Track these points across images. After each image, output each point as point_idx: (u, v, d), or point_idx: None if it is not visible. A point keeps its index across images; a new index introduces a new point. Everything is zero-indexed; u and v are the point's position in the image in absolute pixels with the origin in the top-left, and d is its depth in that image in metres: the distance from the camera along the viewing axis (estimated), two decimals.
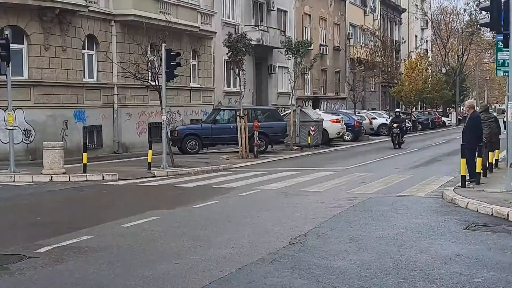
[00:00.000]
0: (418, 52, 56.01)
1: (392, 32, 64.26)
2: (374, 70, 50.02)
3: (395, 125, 29.62)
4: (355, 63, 46.61)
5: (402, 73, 51.36)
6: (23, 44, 22.15)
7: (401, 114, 33.83)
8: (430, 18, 68.57)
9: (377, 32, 52.48)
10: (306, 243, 8.49)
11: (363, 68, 45.91)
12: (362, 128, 36.39)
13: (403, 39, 64.02)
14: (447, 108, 68.86)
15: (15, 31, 21.16)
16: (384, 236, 8.92)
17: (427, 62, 55.42)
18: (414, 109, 52.79)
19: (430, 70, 59.74)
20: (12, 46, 17.62)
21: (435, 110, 61.72)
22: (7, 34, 17.39)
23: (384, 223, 9.97)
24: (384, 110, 52.30)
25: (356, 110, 41.11)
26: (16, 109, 20.34)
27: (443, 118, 59.34)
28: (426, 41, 72.06)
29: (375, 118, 42.30)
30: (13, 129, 17.88)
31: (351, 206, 11.72)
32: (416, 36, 72.82)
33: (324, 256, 7.73)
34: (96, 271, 7.09)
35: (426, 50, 69.09)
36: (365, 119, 39.57)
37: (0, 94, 20.99)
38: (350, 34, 53.29)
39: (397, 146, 29.04)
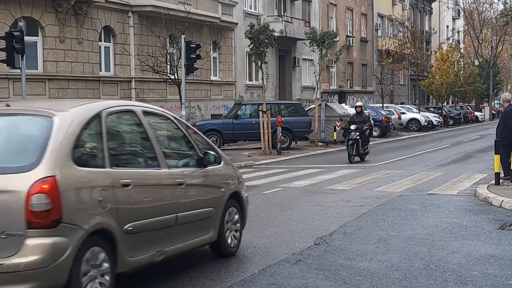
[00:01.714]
0: (450, 44, 54.71)
1: (422, 23, 63.37)
2: (403, 63, 49.45)
3: (352, 127, 19.96)
4: (383, 55, 45.83)
5: (433, 66, 50.39)
6: (38, 36, 21.68)
7: (364, 110, 22.67)
8: (462, 8, 67.33)
9: (406, 23, 51.86)
10: (332, 243, 8.36)
11: (391, 60, 45.22)
12: (391, 123, 35.84)
13: (433, 29, 62.81)
14: (480, 103, 67.53)
15: (29, 23, 20.56)
16: (413, 236, 8.76)
17: (459, 54, 54.19)
18: (445, 103, 51.75)
19: (462, 62, 58.62)
20: (26, 38, 17.15)
21: (467, 104, 60.76)
22: (21, 26, 16.86)
23: (414, 223, 9.78)
24: (414, 105, 51.53)
25: (384, 105, 40.64)
26: None
27: (476, 113, 58.31)
28: (458, 31, 70.85)
29: (404, 113, 41.65)
30: None
31: (379, 204, 11.51)
32: (447, 26, 71.57)
33: (351, 257, 7.60)
34: None
35: (458, 41, 67.89)
36: (394, 114, 39.01)
37: (14, 88, 20.71)
38: (378, 24, 52.87)
39: (354, 159, 19.81)
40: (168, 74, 19.68)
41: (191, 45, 18.87)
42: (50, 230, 5.02)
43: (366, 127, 20.24)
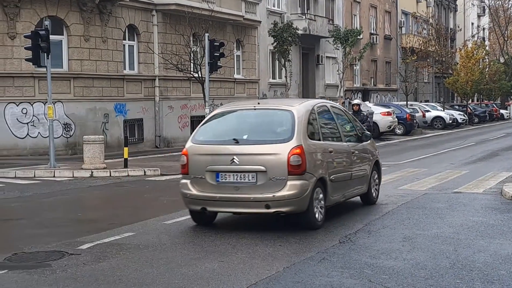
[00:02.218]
0: (475, 41, 54.12)
1: (447, 20, 62.74)
2: (428, 60, 48.99)
3: None
4: (407, 52, 45.48)
5: (458, 63, 49.85)
6: (63, 35, 21.83)
7: (362, 109, 19.20)
8: (488, 5, 66.52)
9: (430, 20, 51.33)
10: (357, 242, 8.30)
11: (415, 58, 44.74)
12: (415, 121, 35.55)
13: (458, 27, 62.21)
14: (506, 100, 66.74)
15: (54, 22, 20.74)
16: (439, 235, 8.65)
17: (484, 51, 53.54)
18: (470, 101, 51.22)
19: (487, 60, 57.90)
20: (51, 37, 17.34)
21: (492, 102, 60.00)
22: (47, 25, 17.04)
23: (439, 221, 9.64)
24: (438, 102, 51.03)
25: (408, 102, 40.27)
26: (55, 102, 20.00)
27: (502, 111, 57.76)
28: (483, 29, 70.12)
29: (428, 111, 41.28)
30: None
31: (403, 203, 11.38)
32: (472, 23, 70.78)
33: (376, 255, 7.51)
34: (139, 269, 6.99)
35: (483, 39, 67.21)
36: (418, 112, 38.66)
37: (40, 86, 20.87)
38: (402, 22, 52.50)
39: None
40: (191, 72, 19.66)
41: (215, 43, 18.81)
42: (300, 176, 8.58)
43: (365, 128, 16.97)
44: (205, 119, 9.69)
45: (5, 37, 20.74)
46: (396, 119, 32.37)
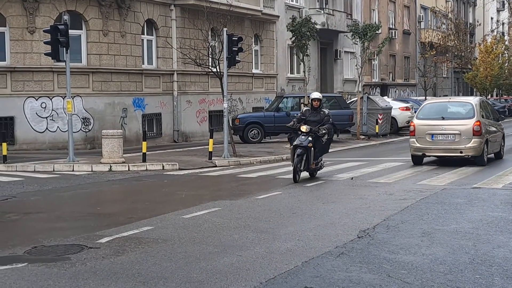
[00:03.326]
0: (494, 36, 53.58)
1: (466, 15, 62.18)
2: (447, 55, 48.63)
3: (303, 128, 13.65)
4: (426, 47, 45.18)
5: (477, 58, 49.41)
6: (82, 30, 21.92)
7: (323, 106, 15.42)
8: None
9: (449, 15, 50.93)
10: (375, 236, 8.27)
11: (434, 52, 44.42)
12: None
13: (477, 21, 61.49)
14: None
15: (73, 17, 20.83)
16: (458, 230, 8.62)
17: (504, 46, 52.94)
18: (489, 96, 50.72)
19: (506, 55, 57.20)
20: (70, 32, 17.40)
21: None
22: (66, 20, 17.08)
23: (458, 216, 9.62)
24: None
25: (427, 98, 39.68)
26: (74, 96, 20.10)
27: None
28: (503, 23, 69.33)
29: None
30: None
31: (422, 198, 11.32)
32: (491, 18, 70.08)
33: (395, 250, 7.50)
34: (157, 263, 6.99)
35: (503, 33, 66.37)
36: None
37: (59, 81, 20.98)
38: (421, 16, 52.05)
39: (300, 178, 13.64)
40: (210, 67, 19.58)
41: (233, 38, 18.70)
42: (478, 137, 15.99)
43: (323, 131, 13.82)
44: (421, 106, 17.83)
45: (25, 31, 20.86)
46: (414, 114, 32.14)
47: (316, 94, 14.72)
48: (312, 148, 13.70)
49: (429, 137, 16.20)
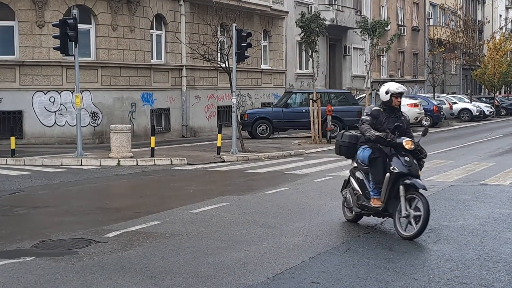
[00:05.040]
0: (503, 33, 53.23)
1: (475, 12, 61.97)
2: (455, 52, 48.43)
3: (409, 145, 8.33)
4: (435, 44, 44.92)
5: (485, 55, 49.22)
6: (91, 24, 21.89)
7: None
8: None
9: (458, 12, 50.67)
10: (383, 232, 8.28)
11: (443, 49, 44.20)
12: (442, 113, 35.13)
13: (486, 19, 61.27)
14: None
15: (82, 11, 20.81)
16: (465, 226, 8.65)
17: None
18: (497, 93, 50.53)
19: None
20: (79, 26, 17.41)
21: None
22: (75, 14, 17.05)
23: (466, 213, 9.65)
24: (466, 94, 50.47)
25: (435, 94, 39.75)
26: (83, 91, 20.11)
27: None
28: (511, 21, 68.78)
29: (455, 103, 40.79)
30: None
31: (430, 194, 11.13)
32: (500, 15, 69.72)
33: (402, 246, 7.54)
34: (165, 257, 7.01)
35: (511, 31, 65.89)
36: (445, 104, 38.17)
37: (67, 75, 20.98)
38: (430, 13, 51.97)
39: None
40: (219, 62, 19.54)
41: (242, 34, 18.66)
42: None
43: (425, 152, 8.74)
44: None
45: (34, 25, 20.87)
46: (423, 111, 31.97)
47: (396, 86, 8.81)
48: None
49: None
